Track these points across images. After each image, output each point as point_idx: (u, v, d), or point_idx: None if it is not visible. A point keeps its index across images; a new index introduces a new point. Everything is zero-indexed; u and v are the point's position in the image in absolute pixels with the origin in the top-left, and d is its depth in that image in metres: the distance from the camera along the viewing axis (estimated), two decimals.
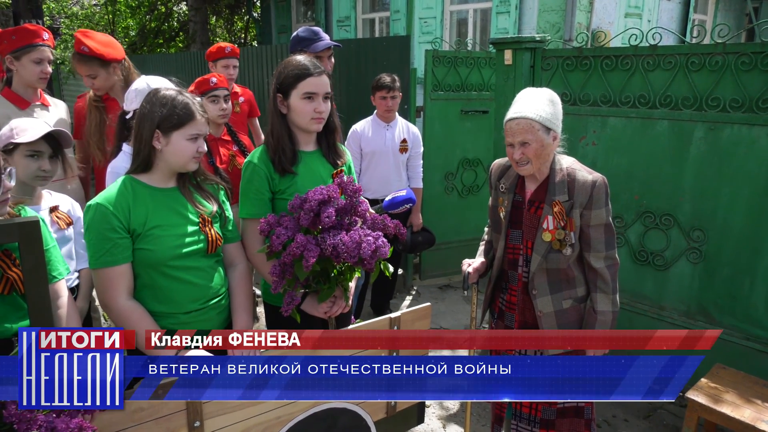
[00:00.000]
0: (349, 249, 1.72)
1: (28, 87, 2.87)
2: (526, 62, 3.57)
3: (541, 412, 2.34)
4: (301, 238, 1.73)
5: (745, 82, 2.79)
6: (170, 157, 1.81)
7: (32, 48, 2.80)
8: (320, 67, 2.03)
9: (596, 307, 2.18)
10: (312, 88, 1.99)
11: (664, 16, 8.03)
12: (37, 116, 2.87)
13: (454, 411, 3.25)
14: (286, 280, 1.81)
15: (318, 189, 1.80)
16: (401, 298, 4.87)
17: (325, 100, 2.04)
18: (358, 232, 1.75)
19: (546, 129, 2.08)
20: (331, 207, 1.77)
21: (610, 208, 2.16)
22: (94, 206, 1.75)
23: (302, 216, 1.77)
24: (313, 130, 2.08)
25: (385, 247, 1.76)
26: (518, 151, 2.10)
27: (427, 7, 7.97)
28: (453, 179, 5.08)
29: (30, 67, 2.81)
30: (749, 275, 2.90)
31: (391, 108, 3.91)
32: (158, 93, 1.82)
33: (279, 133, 2.04)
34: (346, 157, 2.22)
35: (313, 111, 2.01)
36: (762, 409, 2.41)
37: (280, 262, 1.79)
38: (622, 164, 3.29)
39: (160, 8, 13.74)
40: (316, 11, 10.18)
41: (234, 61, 4.07)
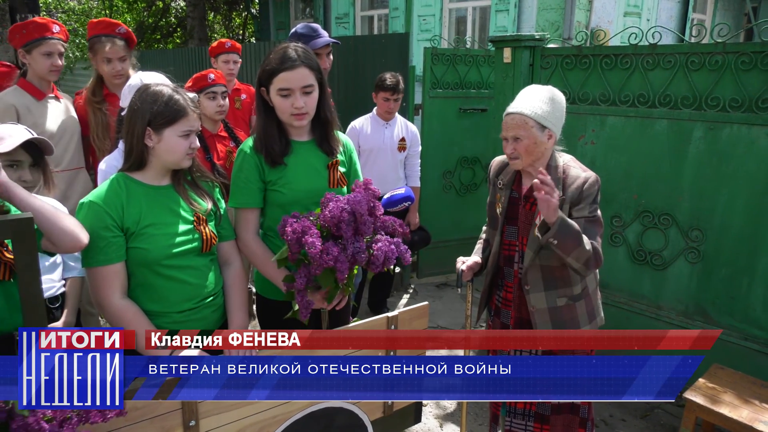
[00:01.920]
0: (381, 260, 1.74)
1: (42, 80, 2.89)
2: (525, 60, 3.56)
3: (535, 406, 2.34)
4: (335, 250, 1.71)
5: (745, 82, 2.78)
6: (163, 155, 1.78)
7: (42, 41, 2.82)
8: (294, 60, 1.90)
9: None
10: (285, 84, 1.90)
11: (663, 15, 8.02)
12: (52, 108, 2.92)
13: (451, 410, 3.24)
14: (305, 286, 1.80)
15: (358, 198, 1.77)
16: (399, 297, 4.86)
17: (306, 94, 1.93)
18: (385, 243, 1.75)
19: (541, 126, 2.08)
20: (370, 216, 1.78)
21: (597, 206, 2.13)
22: (87, 204, 1.73)
23: (344, 228, 1.74)
24: (296, 125, 2.00)
25: (408, 253, 1.78)
26: (510, 146, 2.12)
27: (426, 5, 7.95)
28: (451, 177, 5.07)
29: (41, 60, 2.83)
30: (747, 275, 2.89)
31: (392, 110, 3.91)
32: (149, 89, 1.78)
33: (265, 126, 2.00)
34: (341, 146, 2.15)
35: (290, 107, 1.93)
36: (760, 409, 2.40)
37: (306, 273, 1.77)
38: (621, 163, 3.28)
39: (157, 4, 13.70)
40: (315, 8, 10.15)
41: (234, 56, 4.08)
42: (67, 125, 2.97)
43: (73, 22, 12.70)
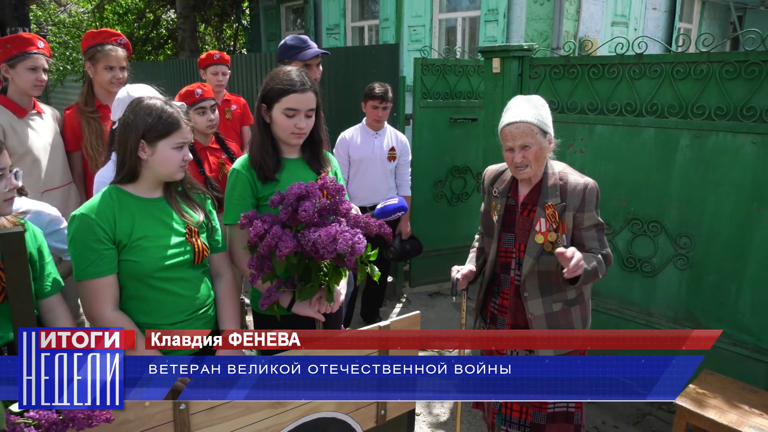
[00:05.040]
0: (324, 243, 1.72)
1: (24, 95, 2.86)
2: (514, 70, 3.59)
3: (531, 416, 2.34)
4: (276, 230, 1.75)
5: (730, 91, 2.82)
6: (157, 167, 1.79)
7: (27, 56, 2.80)
8: (306, 84, 2.02)
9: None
10: (294, 105, 1.99)
11: (650, 24, 8.11)
12: (34, 125, 2.88)
13: (445, 419, 3.24)
14: (264, 274, 1.82)
15: (297, 184, 1.82)
16: (391, 306, 4.86)
17: (308, 117, 2.04)
18: (335, 227, 1.76)
19: (543, 132, 2.13)
20: (308, 201, 1.78)
21: (598, 212, 2.19)
22: (79, 217, 1.73)
23: (281, 211, 1.79)
24: (293, 144, 2.10)
25: (362, 243, 1.77)
26: (519, 155, 2.14)
27: (416, 15, 8.01)
28: (442, 187, 5.09)
29: (25, 75, 2.80)
30: (736, 281, 2.92)
31: (381, 118, 3.93)
32: (142, 102, 1.79)
33: (262, 142, 2.06)
34: (331, 166, 2.22)
35: (293, 126, 2.02)
36: (747, 413, 2.42)
37: (258, 254, 1.80)
38: (610, 171, 3.32)
39: (148, 16, 13.70)
40: (306, 19, 10.19)
41: (223, 68, 4.09)
42: (55, 141, 2.95)
43: (63, 35, 12.67)
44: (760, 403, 2.49)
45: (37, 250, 1.71)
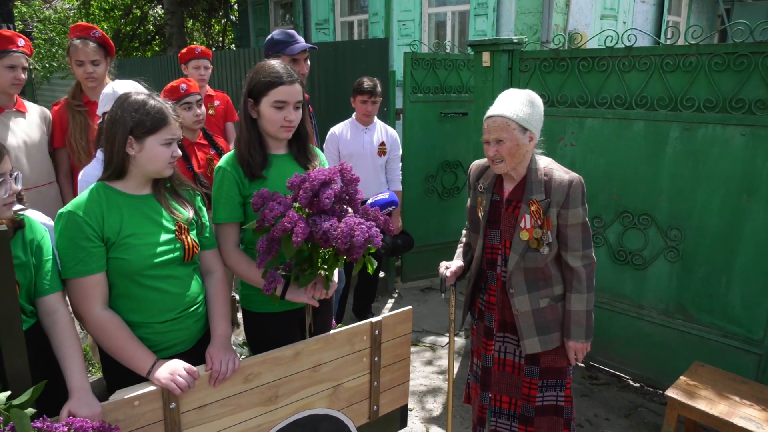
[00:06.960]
0: (342, 235, 1.71)
1: (2, 93, 2.82)
2: (504, 64, 3.59)
3: (520, 408, 2.35)
4: (293, 214, 1.71)
5: (719, 83, 2.83)
6: (145, 163, 1.77)
7: (6, 54, 2.77)
8: (293, 76, 1.99)
9: (569, 307, 2.22)
10: (283, 97, 1.97)
11: (639, 17, 8.14)
12: (13, 123, 2.83)
13: (437, 414, 3.24)
14: (270, 257, 1.79)
15: (321, 170, 1.79)
16: (383, 302, 4.86)
17: (297, 108, 2.02)
18: (353, 219, 1.74)
19: (522, 129, 2.10)
20: (330, 189, 1.76)
21: (586, 208, 2.18)
22: (66, 214, 1.70)
23: (301, 194, 1.75)
24: (282, 138, 2.06)
25: (378, 237, 1.76)
26: (492, 149, 2.14)
27: (406, 10, 7.99)
28: (433, 181, 5.08)
29: (3, 73, 2.77)
30: (726, 273, 2.94)
31: (370, 113, 3.92)
32: (129, 98, 1.76)
33: (248, 138, 2.02)
34: (318, 160, 2.19)
35: (282, 119, 1.99)
36: (737, 404, 2.44)
37: (268, 237, 1.76)
38: (600, 164, 3.32)
39: (135, 12, 13.57)
40: (295, 14, 10.14)
41: (205, 62, 4.03)
42: (35, 140, 2.91)
43: (49, 31, 12.52)
44: (751, 394, 2.51)
45: (36, 245, 1.68)
